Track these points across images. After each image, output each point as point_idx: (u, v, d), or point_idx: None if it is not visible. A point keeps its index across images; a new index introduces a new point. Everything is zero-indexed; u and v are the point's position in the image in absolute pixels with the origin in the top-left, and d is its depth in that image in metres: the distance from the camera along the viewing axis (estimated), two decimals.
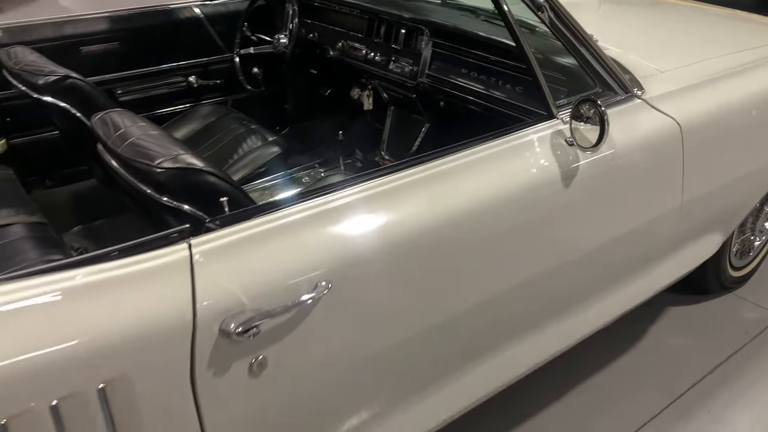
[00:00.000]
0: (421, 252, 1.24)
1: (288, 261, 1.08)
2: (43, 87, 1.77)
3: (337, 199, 1.17)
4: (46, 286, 0.91)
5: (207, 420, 1.03)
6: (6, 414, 0.84)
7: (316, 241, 1.12)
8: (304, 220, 1.12)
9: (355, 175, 1.25)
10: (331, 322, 1.12)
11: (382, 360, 1.26)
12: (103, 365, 0.91)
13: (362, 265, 1.16)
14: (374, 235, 1.18)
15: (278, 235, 1.09)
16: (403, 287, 1.24)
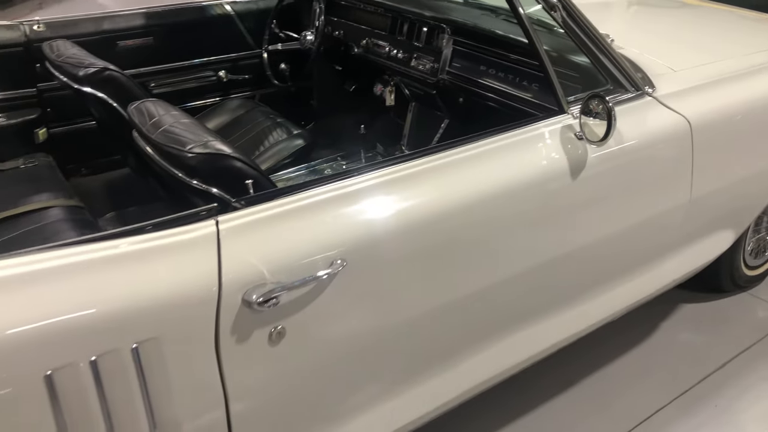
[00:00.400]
0: (433, 236, 1.32)
1: (306, 239, 1.17)
2: (83, 78, 1.88)
3: (354, 183, 1.26)
4: (89, 254, 1.01)
5: (229, 383, 1.12)
6: (51, 366, 0.93)
7: (333, 222, 1.20)
8: (323, 202, 1.21)
9: (372, 162, 1.32)
10: (345, 298, 1.21)
11: (393, 337, 1.33)
12: (136, 327, 1.00)
13: (376, 246, 1.24)
14: (388, 219, 1.26)
15: (298, 216, 1.18)
16: (414, 269, 1.31)
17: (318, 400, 1.29)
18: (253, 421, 1.20)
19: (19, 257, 0.97)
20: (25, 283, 0.95)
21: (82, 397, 0.97)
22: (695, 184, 1.79)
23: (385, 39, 2.49)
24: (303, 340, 1.18)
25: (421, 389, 1.45)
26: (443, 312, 1.39)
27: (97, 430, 1.01)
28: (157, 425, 1.07)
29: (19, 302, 0.93)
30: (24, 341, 0.92)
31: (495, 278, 1.46)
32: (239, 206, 1.16)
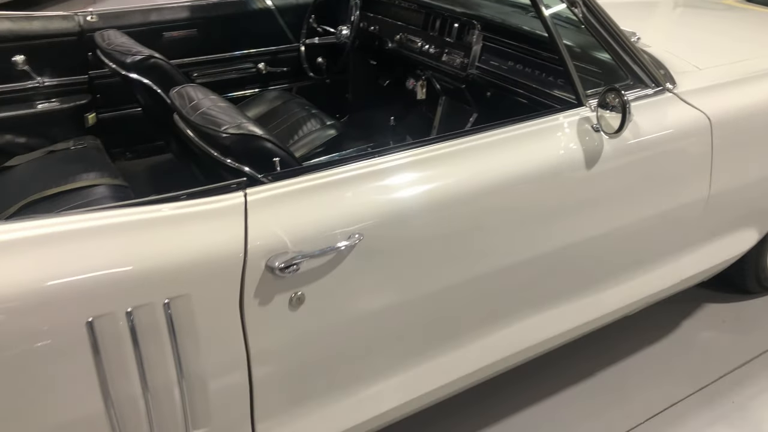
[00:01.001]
0: (449, 217, 1.39)
1: (327, 213, 1.26)
2: (130, 65, 2.01)
3: (375, 164, 1.35)
4: (129, 216, 1.11)
5: (251, 342, 1.22)
6: (93, 313, 1.04)
7: (354, 199, 1.29)
8: (344, 180, 1.30)
9: (394, 145, 1.41)
10: (361, 270, 1.29)
11: (408, 311, 1.41)
12: (169, 284, 1.10)
13: (393, 223, 1.32)
14: (406, 198, 1.34)
15: (320, 192, 1.27)
16: (430, 247, 1.39)
17: (334, 366, 1.37)
18: (273, 381, 1.29)
19: (70, 216, 1.08)
20: (72, 240, 1.06)
21: (118, 345, 1.08)
22: (714, 180, 1.82)
23: (418, 34, 2.57)
24: (321, 306, 1.27)
25: (433, 363, 1.52)
26: (457, 290, 1.47)
27: (130, 375, 1.11)
28: (184, 375, 1.17)
29: (69, 256, 1.04)
30: (71, 290, 1.03)
31: (509, 261, 1.52)
32: (266, 181, 1.26)
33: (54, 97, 2.45)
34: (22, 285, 1.00)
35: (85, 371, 1.06)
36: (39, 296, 1.00)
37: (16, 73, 2.35)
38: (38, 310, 1.01)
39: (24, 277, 1.00)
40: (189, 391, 1.19)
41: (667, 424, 2.01)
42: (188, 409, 1.21)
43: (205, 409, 1.23)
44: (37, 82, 2.39)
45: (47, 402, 1.05)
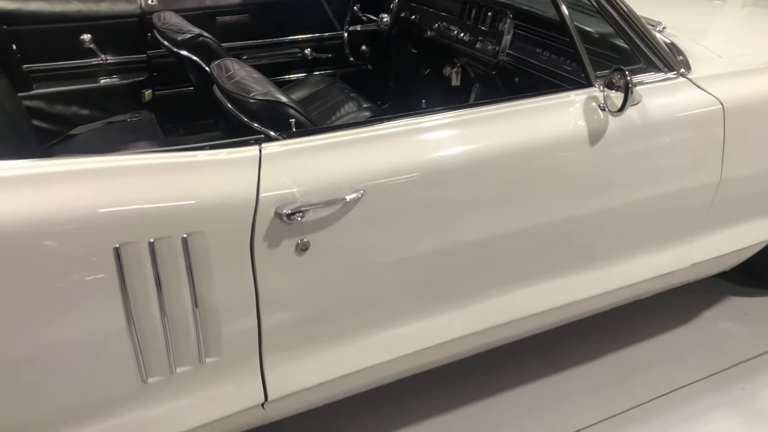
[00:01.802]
0: (450, 180, 1.50)
1: (333, 170, 1.39)
2: (181, 42, 2.19)
3: (379, 129, 1.47)
4: (155, 160, 1.27)
5: (260, 281, 1.36)
6: (119, 241, 1.20)
7: (357, 159, 1.41)
8: (350, 141, 1.43)
9: (401, 113, 1.52)
10: (361, 224, 1.41)
11: (405, 267, 1.52)
12: (187, 221, 1.25)
13: (394, 183, 1.43)
14: (409, 161, 1.46)
15: (328, 150, 1.41)
16: (430, 208, 1.50)
17: (337, 313, 1.50)
18: (280, 319, 1.43)
19: (108, 156, 1.25)
20: (109, 176, 1.22)
21: (140, 271, 1.23)
22: (726, 166, 1.85)
23: (455, 23, 2.67)
24: (324, 254, 1.40)
25: (433, 322, 1.63)
26: (455, 253, 1.57)
27: (150, 300, 1.27)
28: (198, 306, 1.32)
29: (105, 190, 1.21)
30: (104, 219, 1.19)
31: (510, 228, 1.61)
32: (280, 138, 1.40)
33: (115, 73, 2.68)
34: (67, 210, 1.16)
35: (111, 292, 1.22)
36: (79, 222, 1.17)
37: (82, 51, 2.58)
38: (77, 234, 1.17)
39: (70, 204, 1.17)
40: (203, 321, 1.34)
41: (669, 406, 2.05)
42: (202, 338, 1.36)
43: (217, 340, 1.38)
44: (101, 59, 2.61)
45: (79, 315, 1.22)
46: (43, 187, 1.17)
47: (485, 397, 2.06)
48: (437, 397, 2.05)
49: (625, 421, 2.00)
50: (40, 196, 1.16)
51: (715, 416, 2.03)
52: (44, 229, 1.15)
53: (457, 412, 2.01)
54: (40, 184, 1.18)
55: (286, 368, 1.49)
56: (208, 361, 1.40)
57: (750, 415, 2.02)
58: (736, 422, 2.00)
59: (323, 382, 1.55)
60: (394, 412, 1.99)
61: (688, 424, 2.00)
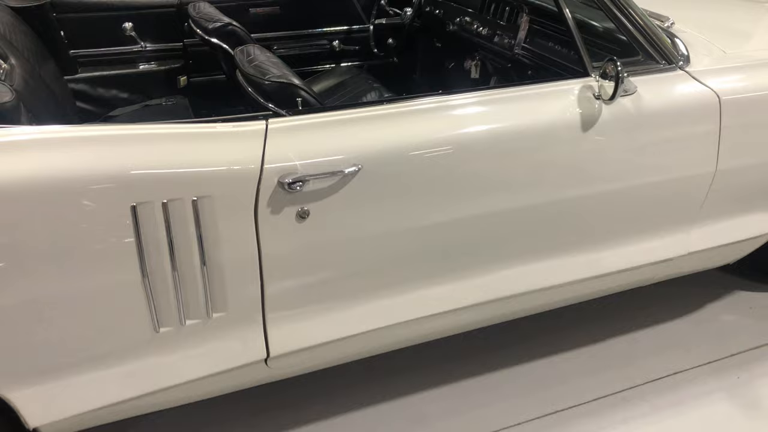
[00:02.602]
0: (443, 158, 1.61)
1: (333, 145, 1.51)
2: (212, 30, 2.35)
3: (378, 109, 1.59)
4: (174, 129, 1.42)
5: (263, 244, 1.49)
6: (137, 200, 1.35)
7: (356, 136, 1.54)
8: (350, 120, 1.56)
9: (403, 96, 1.64)
10: (358, 196, 1.53)
11: (399, 239, 1.63)
12: (198, 185, 1.40)
13: (390, 159, 1.55)
14: (403, 139, 1.57)
15: (330, 127, 1.53)
16: (422, 183, 1.61)
17: (335, 279, 1.63)
18: (281, 280, 1.56)
19: (126, 125, 1.40)
20: (126, 143, 1.38)
21: (154, 229, 1.38)
22: (722, 157, 1.91)
23: (475, 17, 2.77)
24: (323, 222, 1.52)
25: (427, 293, 1.74)
26: (448, 228, 1.68)
27: (162, 255, 1.41)
28: (206, 263, 1.46)
29: (125, 155, 1.36)
30: (123, 180, 1.34)
31: (501, 206, 1.71)
32: (286, 115, 1.53)
33: (153, 60, 2.86)
34: (92, 171, 1.32)
35: (128, 246, 1.37)
36: (102, 182, 1.32)
37: (124, 38, 2.77)
38: (100, 192, 1.33)
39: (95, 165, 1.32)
40: (210, 278, 1.48)
41: (663, 389, 2.11)
42: (209, 294, 1.50)
43: (223, 296, 1.52)
44: (140, 47, 2.80)
45: (100, 264, 1.37)
46: (74, 150, 1.33)
47: (483, 373, 2.16)
48: (427, 370, 2.16)
49: (619, 401, 2.07)
50: (71, 157, 1.32)
51: (708, 401, 2.08)
52: (73, 187, 1.30)
53: (451, 387, 2.11)
54: (71, 147, 1.33)
55: (288, 327, 1.63)
56: (215, 315, 1.54)
57: (742, 403, 2.07)
58: (728, 408, 2.06)
59: (323, 343, 1.68)
60: (382, 387, 2.11)
61: (680, 407, 2.06)
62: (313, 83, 3.01)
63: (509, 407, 2.03)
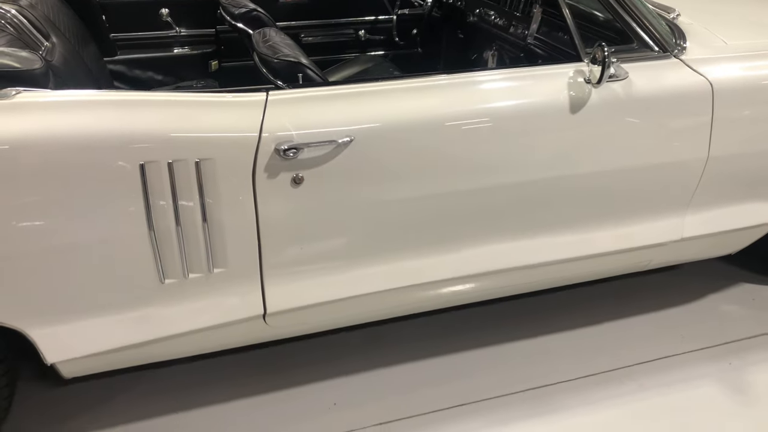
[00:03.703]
0: (432, 135, 1.71)
1: (328, 117, 1.63)
2: (238, 16, 2.50)
3: (374, 85, 1.70)
4: (183, 97, 1.57)
5: (260, 206, 1.62)
6: (142, 160, 1.50)
7: (350, 110, 1.66)
8: (344, 95, 1.68)
9: (400, 74, 1.75)
10: (350, 166, 1.65)
11: (386, 209, 1.74)
12: (201, 148, 1.54)
13: (380, 133, 1.67)
14: (395, 114, 1.68)
15: (325, 101, 1.66)
16: (412, 158, 1.71)
17: (328, 242, 1.75)
18: (277, 241, 1.69)
19: (139, 92, 1.56)
20: (138, 107, 1.53)
21: (160, 186, 1.53)
22: (714, 144, 1.96)
23: (493, 8, 2.86)
24: (317, 188, 1.65)
25: (415, 263, 1.85)
26: (434, 201, 1.78)
27: (167, 211, 1.56)
28: (207, 220, 1.60)
29: (138, 117, 1.51)
30: (134, 140, 1.49)
31: (488, 182, 1.81)
32: (286, 88, 1.66)
33: (187, 45, 3.04)
34: (108, 130, 1.47)
35: (136, 200, 1.52)
36: (116, 140, 1.48)
37: (160, 24, 2.96)
38: (114, 150, 1.48)
39: (110, 126, 1.48)
40: (211, 235, 1.62)
41: (652, 371, 2.17)
42: (210, 250, 1.64)
43: (223, 253, 1.66)
44: (175, 32, 2.98)
45: (112, 215, 1.53)
46: (92, 112, 1.49)
47: (473, 348, 2.25)
48: (418, 343, 2.27)
49: (606, 380, 2.14)
50: (89, 118, 1.48)
51: (695, 384, 2.13)
52: (89, 145, 1.46)
53: (440, 360, 2.21)
54: (90, 109, 1.49)
55: (284, 286, 1.76)
56: (216, 271, 1.68)
57: (730, 388, 2.11)
58: (715, 391, 2.10)
59: (317, 304, 1.81)
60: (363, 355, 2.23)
61: (667, 387, 2.12)
62: (337, 71, 3.14)
63: (496, 381, 2.12)
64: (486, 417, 1.99)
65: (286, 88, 1.67)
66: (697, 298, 2.52)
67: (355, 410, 2.02)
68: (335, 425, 1.97)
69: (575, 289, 2.50)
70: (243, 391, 2.07)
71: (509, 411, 2.02)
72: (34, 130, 1.43)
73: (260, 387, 2.09)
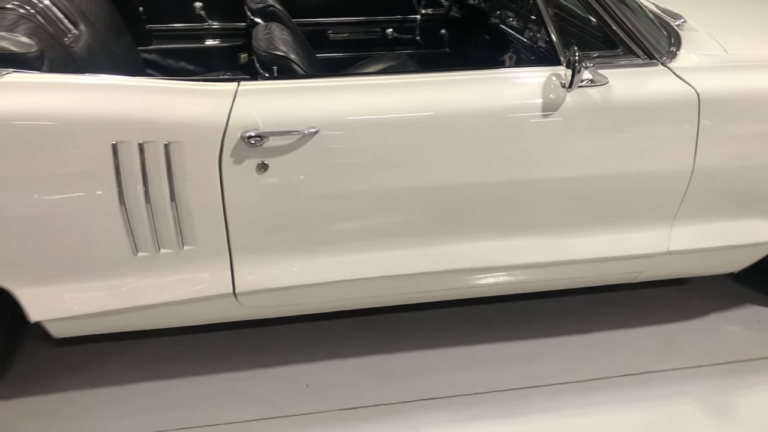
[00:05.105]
0: (396, 130, 1.76)
1: (294, 109, 1.71)
2: (255, 11, 2.62)
3: (342, 80, 1.77)
4: (160, 84, 1.68)
5: (226, 191, 1.72)
6: (117, 139, 1.62)
7: (317, 102, 1.73)
8: (313, 87, 1.75)
9: (371, 72, 1.80)
10: (314, 156, 1.72)
11: (347, 200, 1.80)
12: (170, 132, 1.64)
13: (344, 126, 1.73)
14: (360, 110, 1.74)
15: (293, 93, 1.74)
16: (375, 152, 1.77)
17: (292, 228, 1.82)
18: (243, 225, 1.78)
19: (118, 77, 1.68)
20: (114, 91, 1.65)
21: (130, 165, 1.64)
22: (700, 155, 1.91)
23: (512, 10, 2.86)
24: (281, 176, 1.72)
25: (377, 255, 1.90)
26: (399, 195, 1.82)
27: (138, 191, 1.67)
28: (175, 200, 1.71)
29: (113, 100, 1.63)
30: (107, 121, 1.61)
31: (450, 181, 1.83)
32: (258, 79, 1.75)
33: (218, 37, 3.19)
34: (84, 111, 1.60)
35: (108, 177, 1.65)
36: (91, 120, 1.60)
37: (194, 17, 3.12)
38: (89, 129, 1.61)
39: (86, 107, 1.61)
40: (179, 214, 1.73)
41: (636, 383, 2.13)
42: (180, 227, 1.75)
43: (192, 231, 1.76)
44: (207, 24, 3.14)
45: (87, 188, 1.65)
46: (73, 93, 1.62)
47: (462, 345, 2.28)
48: (412, 334, 2.31)
49: (586, 388, 2.12)
50: (69, 99, 1.61)
51: (675, 401, 2.08)
52: (69, 122, 1.59)
53: (440, 352, 2.26)
54: (71, 91, 1.63)
55: (252, 267, 1.85)
56: (186, 248, 1.79)
57: (711, 409, 2.05)
58: (695, 410, 2.04)
59: (283, 287, 1.89)
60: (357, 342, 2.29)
61: (646, 402, 2.07)
62: (360, 68, 3.22)
63: (474, 379, 2.14)
64: (452, 413, 2.02)
65: (258, 79, 1.76)
66: (700, 315, 2.45)
67: (325, 393, 2.09)
68: (304, 405, 2.04)
69: (575, 297, 2.48)
70: (225, 366, 2.17)
71: (477, 409, 2.03)
72: (17, 107, 1.57)
73: (241, 363, 2.19)
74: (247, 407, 2.03)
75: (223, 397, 2.06)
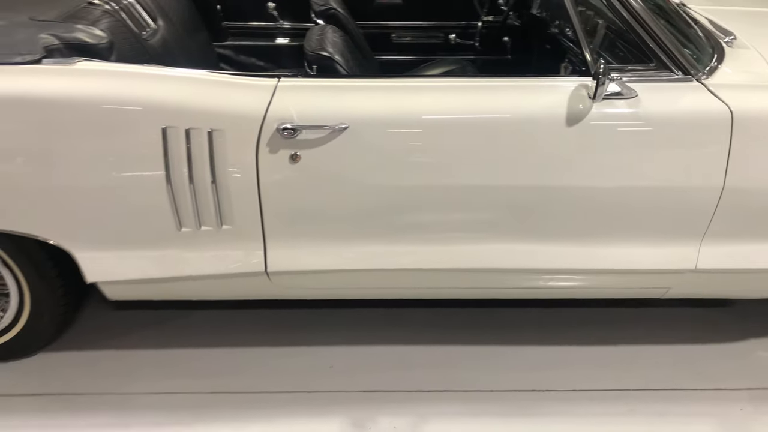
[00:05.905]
0: (423, 131, 1.86)
1: (328, 105, 1.84)
2: (318, 13, 2.78)
3: (375, 81, 1.89)
4: (203, 77, 1.85)
5: (261, 176, 1.87)
6: (167, 124, 1.80)
7: (349, 100, 1.85)
8: (347, 87, 1.88)
9: (407, 73, 1.91)
10: (344, 151, 1.85)
11: (375, 194, 1.91)
12: (214, 120, 1.81)
13: (377, 125, 1.84)
14: (389, 110, 1.85)
15: (328, 91, 1.87)
16: (400, 150, 1.87)
17: (322, 216, 1.95)
18: (276, 209, 1.93)
19: (170, 69, 1.87)
20: (168, 81, 1.83)
21: (177, 148, 1.82)
22: (731, 173, 1.89)
23: (566, 21, 2.88)
24: (312, 167, 1.86)
25: (398, 249, 2.00)
26: (420, 193, 1.92)
27: (183, 171, 1.85)
28: (215, 182, 1.88)
29: (165, 89, 1.82)
30: (158, 108, 1.80)
31: (474, 182, 1.91)
32: (297, 76, 1.89)
33: (288, 36, 3.38)
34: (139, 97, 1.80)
35: (157, 157, 1.83)
36: (144, 105, 1.80)
37: (267, 16, 3.33)
38: (143, 114, 1.80)
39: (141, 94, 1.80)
40: (219, 195, 1.90)
41: (652, 399, 2.13)
42: (219, 208, 1.92)
43: (230, 212, 1.93)
44: (278, 24, 3.33)
45: (139, 166, 1.85)
46: (133, 81, 1.82)
47: (477, 344, 2.35)
48: (427, 330, 2.40)
49: (598, 398, 2.14)
50: (129, 86, 1.81)
51: (690, 421, 2.06)
52: (126, 107, 1.79)
53: (463, 349, 2.33)
54: (132, 79, 1.82)
55: (283, 249, 2.00)
56: (224, 227, 1.96)
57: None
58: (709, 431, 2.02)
59: (312, 271, 2.03)
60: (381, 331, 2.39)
61: (658, 417, 2.07)
62: (419, 71, 3.32)
63: (493, 377, 2.21)
64: (463, 406, 2.10)
65: (297, 76, 1.90)
66: (736, 339, 2.40)
67: (347, 376, 2.21)
68: (327, 384, 2.17)
69: (600, 308, 2.49)
70: (260, 340, 2.34)
71: (488, 406, 2.10)
72: (84, 91, 1.78)
73: (275, 340, 2.35)
74: (273, 380, 2.18)
75: (254, 370, 2.22)
